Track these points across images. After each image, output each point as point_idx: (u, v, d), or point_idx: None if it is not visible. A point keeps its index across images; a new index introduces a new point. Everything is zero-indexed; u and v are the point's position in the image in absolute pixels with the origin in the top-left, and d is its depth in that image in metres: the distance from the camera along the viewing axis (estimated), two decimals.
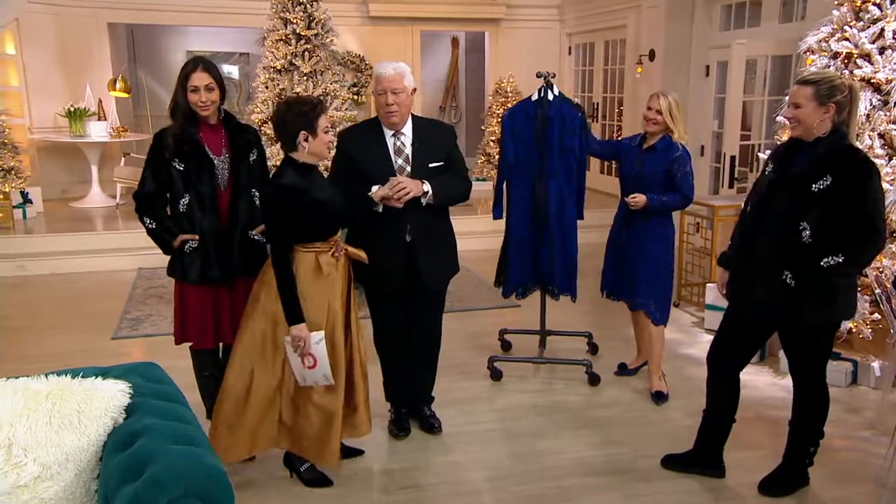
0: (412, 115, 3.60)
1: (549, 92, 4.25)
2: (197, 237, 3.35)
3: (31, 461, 2.05)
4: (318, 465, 3.39)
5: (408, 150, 3.55)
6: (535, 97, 4.29)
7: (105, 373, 2.38)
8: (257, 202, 3.45)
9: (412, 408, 3.97)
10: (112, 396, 2.19)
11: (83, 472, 2.13)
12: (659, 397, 4.30)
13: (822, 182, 2.94)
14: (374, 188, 3.43)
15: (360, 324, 3.41)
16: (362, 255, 3.35)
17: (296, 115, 3.12)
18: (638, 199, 4.11)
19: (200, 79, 3.26)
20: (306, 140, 3.12)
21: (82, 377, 2.25)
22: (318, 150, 3.18)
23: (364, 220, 3.50)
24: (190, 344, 3.55)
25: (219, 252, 3.38)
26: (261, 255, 3.40)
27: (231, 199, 3.40)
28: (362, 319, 3.48)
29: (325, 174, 3.49)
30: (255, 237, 3.46)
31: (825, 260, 2.93)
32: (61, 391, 2.15)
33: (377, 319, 3.79)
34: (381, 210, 3.45)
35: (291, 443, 3.32)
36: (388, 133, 3.55)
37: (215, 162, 3.36)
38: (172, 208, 3.39)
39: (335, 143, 3.46)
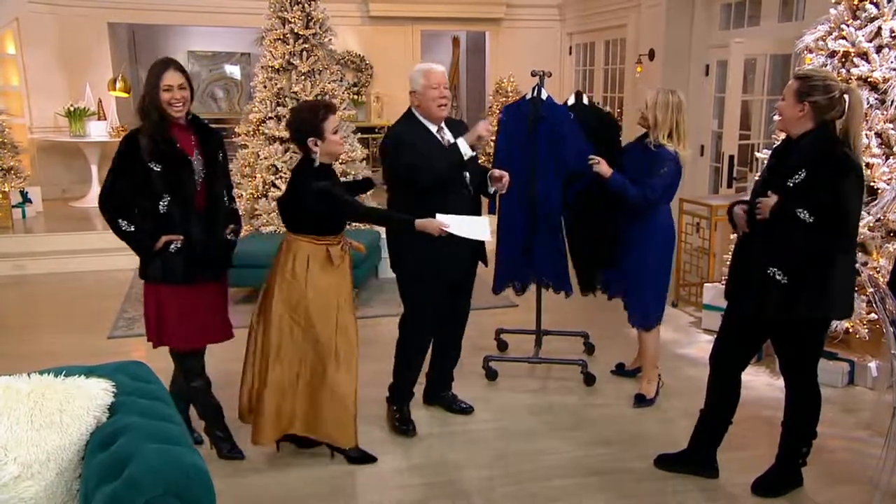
0: None
1: (543, 90, 4.23)
2: (182, 237, 3.28)
3: (11, 460, 2.04)
4: (339, 445, 3.49)
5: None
6: (529, 96, 4.27)
7: (90, 372, 2.36)
8: (226, 202, 3.46)
9: (433, 396, 4.16)
10: (95, 395, 2.18)
11: (65, 471, 2.12)
12: (640, 401, 4.21)
13: (797, 177, 2.93)
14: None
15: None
16: (361, 247, 3.65)
17: (301, 123, 3.32)
18: (602, 166, 3.94)
19: (173, 78, 3.21)
20: (316, 145, 3.30)
21: (66, 376, 2.23)
22: (329, 150, 3.36)
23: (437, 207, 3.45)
24: (169, 348, 3.46)
25: (205, 251, 3.34)
26: (230, 256, 3.50)
27: (207, 199, 3.36)
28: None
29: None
30: (228, 237, 3.46)
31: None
32: (43, 390, 2.13)
33: (425, 314, 3.80)
34: (492, 191, 3.77)
35: (308, 428, 3.42)
36: (433, 128, 3.66)
37: (192, 162, 3.30)
38: (150, 210, 3.28)
39: (345, 141, 3.57)
